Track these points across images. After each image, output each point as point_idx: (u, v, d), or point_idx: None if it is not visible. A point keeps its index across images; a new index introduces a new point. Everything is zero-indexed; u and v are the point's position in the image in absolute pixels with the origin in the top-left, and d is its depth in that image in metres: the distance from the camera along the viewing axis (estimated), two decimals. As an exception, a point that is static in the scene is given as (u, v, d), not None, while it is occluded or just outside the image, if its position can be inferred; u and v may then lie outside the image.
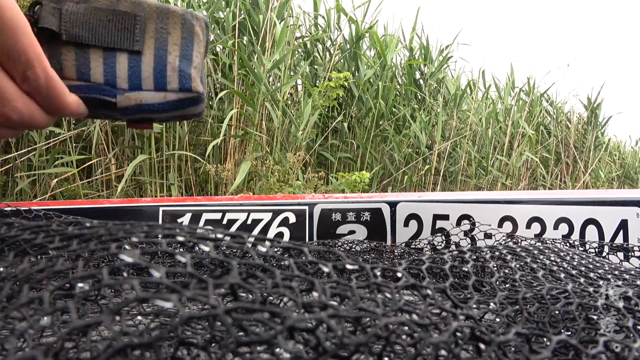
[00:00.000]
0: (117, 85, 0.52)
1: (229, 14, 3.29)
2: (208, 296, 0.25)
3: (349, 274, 0.36)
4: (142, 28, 0.52)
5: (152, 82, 0.53)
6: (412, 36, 4.51)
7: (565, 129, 6.01)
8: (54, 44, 0.50)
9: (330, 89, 3.21)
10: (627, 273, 0.59)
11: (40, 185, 2.79)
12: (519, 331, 0.30)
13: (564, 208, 1.14)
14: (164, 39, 0.53)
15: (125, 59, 0.52)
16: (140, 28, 0.52)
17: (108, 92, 0.52)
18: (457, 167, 4.64)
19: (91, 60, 0.51)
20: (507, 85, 5.41)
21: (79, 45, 0.51)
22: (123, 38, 0.52)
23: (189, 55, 0.54)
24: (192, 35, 0.55)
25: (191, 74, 0.54)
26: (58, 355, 0.22)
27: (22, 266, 0.31)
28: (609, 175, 6.40)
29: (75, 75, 0.51)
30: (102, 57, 0.52)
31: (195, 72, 0.55)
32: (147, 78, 0.53)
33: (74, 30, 0.50)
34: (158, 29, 0.53)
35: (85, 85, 0.52)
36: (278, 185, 2.80)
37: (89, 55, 0.51)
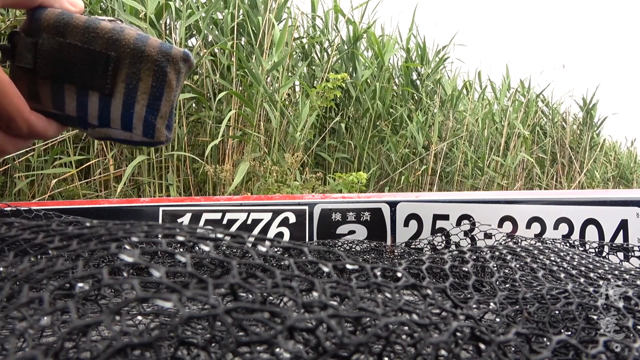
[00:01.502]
0: (88, 120, 0.55)
1: (227, 16, 3.29)
2: (208, 296, 0.25)
3: (349, 274, 0.36)
4: (114, 70, 0.53)
5: (119, 124, 0.55)
6: (409, 37, 4.52)
7: (561, 129, 6.03)
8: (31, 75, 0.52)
9: (328, 90, 3.22)
10: (627, 273, 0.59)
11: (39, 185, 2.79)
12: (519, 331, 0.30)
13: (564, 208, 1.14)
14: (133, 86, 0.54)
15: (97, 99, 0.54)
16: (112, 70, 0.53)
17: (80, 124, 0.55)
18: (453, 168, 4.65)
19: (66, 96, 0.53)
20: (503, 86, 5.42)
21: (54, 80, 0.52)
22: (95, 80, 0.53)
23: (157, 105, 0.55)
24: (164, 84, 0.55)
25: (156, 125, 0.56)
26: (58, 355, 0.22)
27: (22, 266, 0.31)
28: (604, 175, 6.42)
29: (51, 105, 0.53)
30: (76, 94, 0.53)
31: (160, 121, 0.56)
32: (115, 120, 0.55)
33: (48, 68, 0.51)
34: (130, 73, 0.54)
35: (60, 114, 0.54)
36: (276, 186, 2.80)
37: (64, 90, 0.53)
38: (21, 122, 0.49)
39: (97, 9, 2.99)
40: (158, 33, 2.86)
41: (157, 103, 0.55)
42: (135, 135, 0.56)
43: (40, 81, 0.52)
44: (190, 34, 3.36)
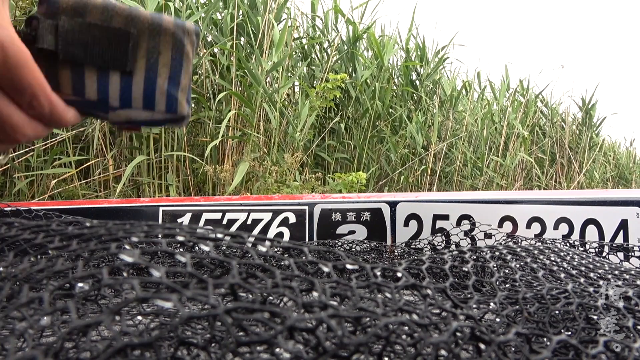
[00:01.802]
0: (109, 103, 0.54)
1: (227, 16, 3.29)
2: (208, 296, 0.25)
3: (349, 274, 0.36)
4: (134, 46, 0.53)
5: (141, 102, 0.55)
6: (409, 37, 4.52)
7: (560, 129, 6.03)
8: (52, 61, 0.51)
9: (328, 90, 3.22)
10: (627, 273, 0.59)
11: (39, 185, 2.79)
12: (519, 331, 0.30)
13: (564, 208, 1.14)
14: (154, 60, 0.54)
15: (118, 78, 0.54)
16: (132, 47, 0.53)
17: (100, 109, 0.55)
18: (452, 168, 4.65)
19: (86, 78, 0.53)
20: (502, 86, 5.42)
21: (74, 63, 0.52)
22: (116, 58, 0.53)
23: (178, 77, 0.56)
24: (182, 55, 0.56)
25: (178, 98, 0.56)
26: (58, 355, 0.22)
27: (22, 266, 0.31)
28: (603, 175, 6.42)
29: (71, 91, 0.53)
30: (96, 76, 0.53)
31: (181, 94, 0.57)
32: (137, 99, 0.55)
33: (70, 49, 0.51)
34: (150, 48, 0.54)
35: (80, 101, 0.54)
36: (276, 186, 2.80)
37: (84, 73, 0.53)
38: (44, 99, 0.49)
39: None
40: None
41: (178, 75, 0.56)
42: (157, 113, 0.56)
43: (60, 66, 0.52)
44: (189, 34, 3.35)
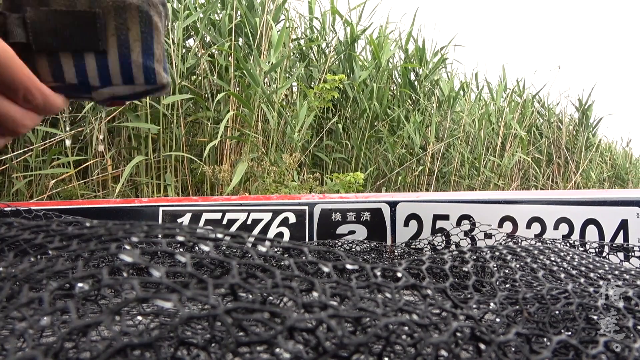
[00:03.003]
0: (90, 83, 0.55)
1: (225, 17, 3.29)
2: (208, 296, 0.25)
3: (349, 274, 0.36)
4: (102, 26, 0.54)
5: (120, 78, 0.56)
6: (408, 38, 4.52)
7: (557, 130, 6.05)
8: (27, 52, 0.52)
9: (326, 90, 3.22)
10: (627, 273, 0.59)
11: (37, 185, 2.79)
12: (519, 331, 0.30)
13: (564, 208, 1.14)
14: (124, 36, 0.55)
15: (93, 59, 0.54)
16: (100, 26, 0.53)
17: (83, 90, 0.56)
18: (450, 168, 4.66)
19: (63, 64, 0.54)
20: (500, 86, 5.43)
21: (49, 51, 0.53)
22: (87, 40, 0.53)
23: (150, 49, 0.56)
24: (151, 27, 0.56)
25: (155, 69, 0.57)
26: (58, 355, 0.22)
27: (22, 266, 0.31)
28: (600, 175, 6.44)
29: (52, 78, 0.54)
30: (72, 60, 0.54)
31: (157, 65, 0.57)
32: (115, 75, 0.55)
33: (42, 39, 0.52)
34: (118, 25, 0.54)
35: (62, 86, 0.55)
36: (274, 186, 2.80)
37: (60, 59, 0.54)
38: (36, 91, 0.50)
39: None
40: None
41: (151, 47, 0.56)
42: (138, 86, 0.57)
43: (36, 56, 0.53)
44: (188, 35, 3.36)
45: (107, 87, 0.56)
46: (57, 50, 0.53)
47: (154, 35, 0.56)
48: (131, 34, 0.55)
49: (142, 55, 0.56)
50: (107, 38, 0.54)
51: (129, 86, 0.56)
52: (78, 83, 0.55)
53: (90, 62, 0.54)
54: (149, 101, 2.87)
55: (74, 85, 0.55)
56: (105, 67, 0.55)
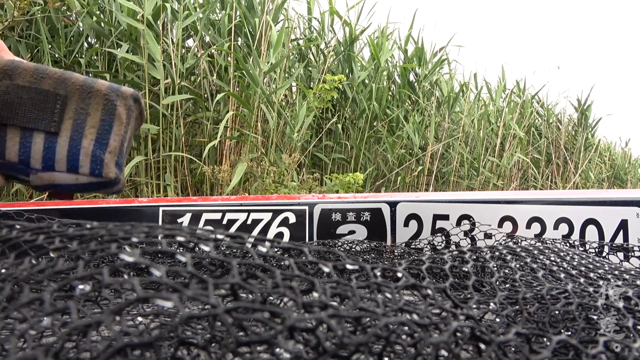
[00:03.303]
0: (31, 165, 0.52)
1: (224, 17, 3.29)
2: (208, 296, 0.25)
3: (349, 274, 0.36)
4: (61, 108, 0.52)
5: (65, 165, 0.53)
6: (408, 38, 4.52)
7: (556, 130, 6.05)
8: None
9: (325, 91, 3.22)
10: (627, 273, 0.59)
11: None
12: (519, 331, 0.30)
13: (564, 208, 1.14)
14: (81, 121, 0.53)
15: (42, 139, 0.52)
16: (59, 108, 0.52)
17: (22, 171, 0.53)
18: (449, 168, 4.66)
19: (8, 139, 0.51)
20: (499, 87, 5.44)
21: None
22: (41, 118, 0.52)
23: (106, 139, 0.54)
24: (113, 117, 0.54)
25: (104, 160, 0.54)
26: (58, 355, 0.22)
27: (22, 267, 0.31)
28: (598, 176, 6.45)
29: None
30: (19, 136, 0.52)
31: (109, 157, 0.55)
32: (61, 160, 0.53)
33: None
34: (78, 109, 0.53)
35: None
36: (273, 186, 2.81)
37: (6, 133, 0.51)
38: None
39: (95, 10, 2.99)
40: (155, 34, 2.85)
41: (107, 137, 0.54)
42: (81, 176, 0.53)
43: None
44: (187, 35, 3.36)
45: (48, 172, 0.53)
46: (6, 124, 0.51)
47: (114, 125, 0.54)
48: (90, 119, 0.53)
49: (95, 143, 0.53)
50: (62, 120, 0.52)
51: (72, 175, 0.53)
52: (18, 162, 0.52)
53: (38, 142, 0.52)
54: (148, 101, 2.87)
55: (13, 164, 0.52)
56: (53, 149, 0.52)
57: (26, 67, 0.52)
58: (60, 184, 0.53)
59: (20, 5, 2.51)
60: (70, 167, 0.53)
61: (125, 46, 2.87)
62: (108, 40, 2.93)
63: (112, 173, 0.55)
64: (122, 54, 2.79)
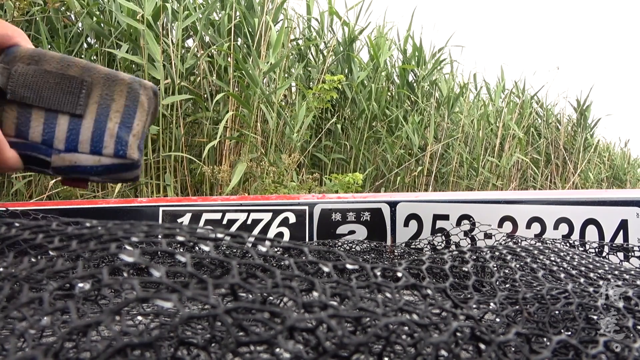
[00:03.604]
0: (54, 145, 0.53)
1: (224, 17, 3.29)
2: (208, 296, 0.25)
3: (349, 274, 0.36)
4: (87, 93, 0.54)
5: (88, 146, 0.54)
6: (407, 39, 4.52)
7: (555, 130, 6.06)
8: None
9: (324, 91, 3.22)
10: (627, 273, 0.59)
11: (36, 186, 2.79)
12: (519, 331, 0.30)
13: (564, 208, 1.14)
14: (106, 105, 0.55)
15: (66, 121, 0.53)
16: (85, 93, 0.54)
17: (43, 151, 0.54)
18: (449, 169, 4.66)
19: (32, 120, 0.53)
20: (498, 87, 5.44)
21: (22, 104, 0.52)
22: (67, 101, 0.53)
23: (130, 122, 0.56)
24: (137, 103, 0.56)
25: (128, 142, 0.56)
26: (58, 355, 0.22)
27: (22, 266, 0.31)
28: (598, 176, 6.45)
29: (14, 132, 0.53)
30: (44, 118, 0.53)
31: (133, 139, 0.56)
32: (84, 141, 0.54)
33: (20, 90, 0.52)
34: (103, 95, 0.55)
35: (21, 143, 0.53)
36: (273, 187, 2.81)
37: (31, 114, 0.53)
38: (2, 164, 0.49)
39: (94, 10, 2.99)
40: (155, 34, 2.85)
41: (131, 121, 0.56)
42: (104, 158, 0.55)
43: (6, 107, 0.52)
44: (187, 35, 3.36)
45: (70, 153, 0.54)
46: (31, 105, 0.52)
47: (137, 112, 0.56)
48: (114, 105, 0.55)
49: (119, 125, 0.55)
50: (88, 104, 0.54)
51: (94, 156, 0.54)
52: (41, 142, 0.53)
53: (62, 124, 0.53)
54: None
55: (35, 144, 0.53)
56: (77, 131, 0.54)
57: (53, 55, 0.53)
58: (82, 165, 0.54)
59: (20, 5, 2.51)
60: (94, 148, 0.54)
61: (125, 46, 2.87)
62: (108, 40, 2.93)
63: (135, 154, 0.56)
64: (122, 54, 2.79)
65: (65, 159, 0.54)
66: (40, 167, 0.55)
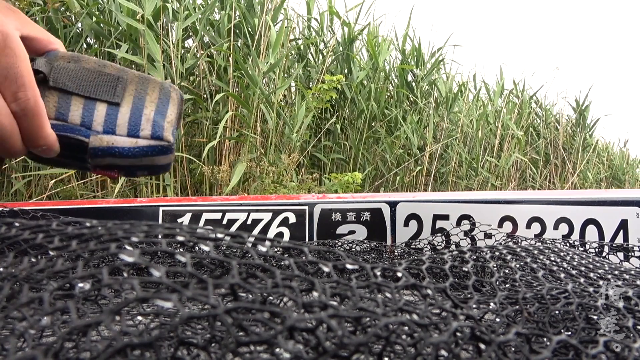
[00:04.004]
0: (92, 127, 0.57)
1: (224, 17, 3.29)
2: (208, 296, 0.25)
3: (349, 273, 0.36)
4: (123, 87, 0.58)
5: (125, 129, 0.58)
6: (405, 38, 4.52)
7: (554, 130, 6.07)
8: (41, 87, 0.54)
9: (324, 91, 3.22)
10: (627, 273, 0.59)
11: (36, 186, 2.79)
12: (519, 331, 0.30)
13: (564, 208, 1.14)
14: (142, 97, 0.59)
15: (104, 108, 0.57)
16: (121, 87, 0.58)
17: (82, 132, 0.56)
18: (448, 169, 4.67)
19: (72, 105, 0.56)
20: (497, 87, 5.45)
21: (63, 91, 0.56)
22: (104, 92, 0.57)
23: (164, 111, 0.60)
24: (169, 98, 0.61)
25: (164, 126, 0.59)
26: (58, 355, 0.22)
27: (22, 266, 0.31)
28: (596, 176, 6.46)
29: (55, 114, 0.55)
30: (83, 104, 0.56)
31: (167, 125, 0.60)
32: (122, 125, 0.58)
33: (61, 78, 0.55)
34: (138, 89, 0.59)
35: (61, 124, 0.56)
36: (273, 187, 2.81)
37: (71, 100, 0.56)
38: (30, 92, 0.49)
39: (94, 10, 2.99)
40: (155, 34, 2.85)
41: (165, 109, 0.60)
42: (141, 140, 0.58)
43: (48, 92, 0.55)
44: (187, 36, 3.36)
45: (108, 135, 0.57)
46: (71, 93, 0.56)
47: (170, 104, 0.61)
48: (149, 96, 0.59)
49: (154, 113, 0.59)
50: (124, 96, 0.58)
51: (131, 139, 0.57)
52: (80, 124, 0.56)
53: (101, 110, 0.57)
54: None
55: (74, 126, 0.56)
56: (115, 116, 0.57)
57: (90, 57, 0.58)
58: (119, 146, 0.57)
59: (20, 5, 2.51)
60: (131, 131, 0.58)
61: (124, 46, 2.87)
62: (108, 40, 2.93)
63: (170, 137, 0.60)
64: (121, 54, 2.79)
65: (103, 139, 0.57)
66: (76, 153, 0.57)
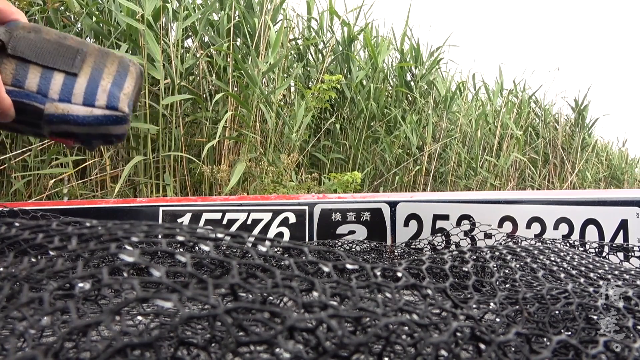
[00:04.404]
0: (48, 95, 0.58)
1: (223, 17, 3.28)
2: (208, 296, 0.25)
3: (349, 273, 0.36)
4: (82, 59, 0.59)
5: (81, 98, 0.59)
6: (403, 38, 4.52)
7: (553, 130, 6.07)
8: None
9: (323, 91, 3.22)
10: (627, 273, 0.59)
11: (36, 185, 2.79)
12: (519, 331, 0.30)
13: (564, 208, 1.14)
14: (100, 69, 0.60)
15: (62, 77, 0.58)
16: (80, 58, 0.59)
17: (38, 99, 0.57)
18: (447, 168, 4.67)
19: (29, 73, 0.57)
20: (496, 87, 5.45)
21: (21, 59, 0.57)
22: (63, 62, 0.58)
23: (121, 83, 0.61)
24: (127, 71, 0.62)
25: (119, 97, 0.60)
26: (58, 355, 0.22)
27: (22, 266, 0.31)
28: (595, 176, 6.46)
29: (11, 81, 0.56)
30: (40, 72, 0.57)
31: (124, 97, 0.61)
32: (78, 94, 0.59)
33: (20, 47, 0.56)
34: (97, 61, 0.60)
35: (17, 91, 0.57)
36: (272, 186, 2.81)
37: (29, 68, 0.57)
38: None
39: (94, 10, 2.99)
40: (155, 34, 2.85)
41: (122, 82, 0.61)
42: (96, 109, 0.58)
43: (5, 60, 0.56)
44: (186, 35, 3.36)
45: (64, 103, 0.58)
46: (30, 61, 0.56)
47: (128, 77, 0.61)
48: (107, 69, 0.60)
49: (111, 84, 0.60)
50: (82, 67, 0.59)
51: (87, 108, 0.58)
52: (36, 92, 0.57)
53: (58, 79, 0.58)
54: (148, 101, 2.87)
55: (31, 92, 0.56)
56: (71, 85, 0.58)
57: (51, 29, 0.59)
58: (74, 114, 0.58)
59: (20, 5, 2.51)
60: (87, 100, 0.59)
61: (124, 46, 2.87)
62: (107, 40, 2.93)
63: (125, 108, 0.61)
64: (121, 54, 2.79)
65: (59, 107, 0.58)
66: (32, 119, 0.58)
